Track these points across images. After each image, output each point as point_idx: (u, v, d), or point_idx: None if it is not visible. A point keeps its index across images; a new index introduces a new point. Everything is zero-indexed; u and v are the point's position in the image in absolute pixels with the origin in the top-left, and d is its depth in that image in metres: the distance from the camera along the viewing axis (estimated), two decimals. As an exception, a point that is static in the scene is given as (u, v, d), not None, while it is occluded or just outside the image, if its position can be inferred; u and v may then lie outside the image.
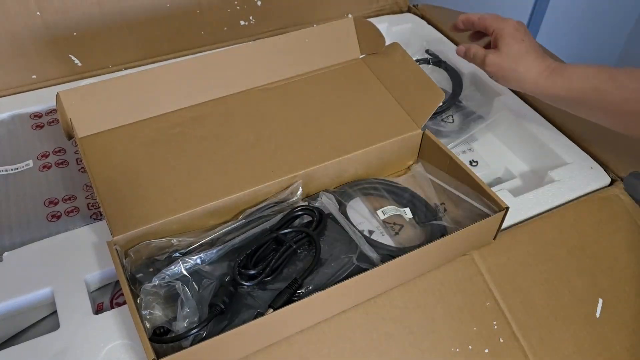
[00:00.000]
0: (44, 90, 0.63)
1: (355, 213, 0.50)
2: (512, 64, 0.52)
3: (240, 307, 0.41)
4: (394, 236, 0.49)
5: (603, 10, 1.38)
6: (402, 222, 0.49)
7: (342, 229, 0.46)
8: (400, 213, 0.49)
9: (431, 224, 0.48)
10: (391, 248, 0.46)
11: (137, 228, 0.43)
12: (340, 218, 0.47)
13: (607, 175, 0.56)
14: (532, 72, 0.51)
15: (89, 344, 0.40)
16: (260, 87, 0.57)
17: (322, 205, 0.48)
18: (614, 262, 0.49)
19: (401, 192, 0.51)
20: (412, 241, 0.48)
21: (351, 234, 0.46)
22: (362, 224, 0.49)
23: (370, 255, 0.44)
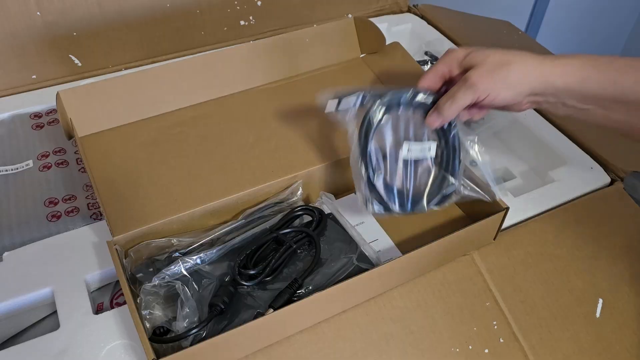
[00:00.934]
0: (44, 90, 0.63)
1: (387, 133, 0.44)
2: (503, 64, 0.42)
3: (240, 307, 0.41)
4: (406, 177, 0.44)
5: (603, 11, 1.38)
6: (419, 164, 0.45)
7: (342, 229, 0.46)
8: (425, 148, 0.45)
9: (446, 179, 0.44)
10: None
11: (137, 228, 0.43)
12: (341, 218, 0.47)
13: (607, 175, 0.56)
14: (529, 61, 0.42)
15: (89, 343, 0.40)
16: (260, 87, 0.57)
17: (322, 205, 0.48)
18: (614, 262, 0.49)
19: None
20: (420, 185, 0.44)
21: (351, 234, 0.46)
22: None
23: (370, 255, 0.44)
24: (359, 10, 0.78)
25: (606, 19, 1.40)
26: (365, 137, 0.43)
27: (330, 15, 0.76)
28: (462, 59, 0.44)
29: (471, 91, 0.42)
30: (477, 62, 0.42)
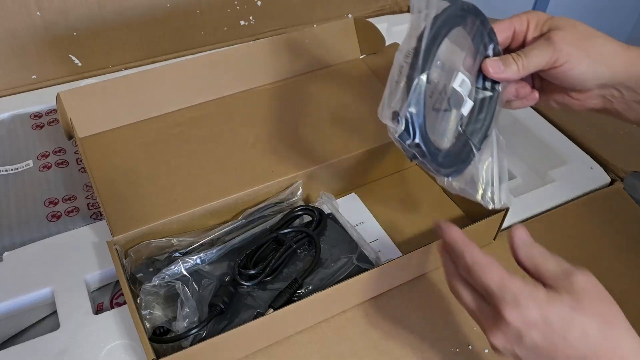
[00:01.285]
0: (44, 90, 0.63)
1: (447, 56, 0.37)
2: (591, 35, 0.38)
3: (240, 307, 0.41)
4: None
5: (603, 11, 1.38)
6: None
7: (342, 229, 0.46)
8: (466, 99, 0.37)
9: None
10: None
11: (137, 228, 0.43)
12: (341, 218, 0.47)
13: (607, 175, 0.56)
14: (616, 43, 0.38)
15: (89, 344, 0.40)
16: (260, 87, 0.57)
17: (322, 205, 0.48)
18: (614, 263, 0.49)
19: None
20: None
21: (351, 234, 0.46)
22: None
23: (370, 255, 0.44)
24: (359, 10, 0.78)
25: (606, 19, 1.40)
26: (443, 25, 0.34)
27: (330, 16, 0.76)
28: (544, 20, 0.38)
29: (550, 50, 0.36)
30: (561, 26, 0.37)
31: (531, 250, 0.31)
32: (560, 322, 0.27)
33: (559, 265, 0.30)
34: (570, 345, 0.27)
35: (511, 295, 0.28)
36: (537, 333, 0.27)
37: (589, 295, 0.27)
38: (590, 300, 0.27)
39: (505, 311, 0.28)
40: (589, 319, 0.27)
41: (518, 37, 0.39)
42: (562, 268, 0.29)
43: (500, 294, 0.28)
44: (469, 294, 0.31)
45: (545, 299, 0.27)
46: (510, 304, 0.28)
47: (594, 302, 0.27)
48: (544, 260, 0.30)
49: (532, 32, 0.39)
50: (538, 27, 0.38)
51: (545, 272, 0.29)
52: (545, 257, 0.30)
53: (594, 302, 0.27)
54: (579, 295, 0.27)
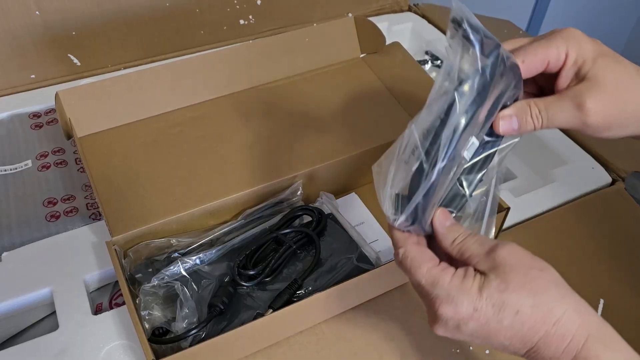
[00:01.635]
0: (43, 90, 0.63)
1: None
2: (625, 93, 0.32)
3: (240, 307, 0.41)
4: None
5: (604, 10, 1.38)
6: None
7: (342, 229, 0.46)
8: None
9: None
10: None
11: (136, 228, 0.43)
12: (341, 218, 0.47)
13: (608, 175, 0.56)
14: None
15: (88, 344, 0.40)
16: (260, 87, 0.57)
17: (322, 205, 0.48)
18: (614, 262, 0.49)
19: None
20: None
21: (351, 234, 0.46)
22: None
23: (371, 256, 0.44)
24: (359, 9, 0.78)
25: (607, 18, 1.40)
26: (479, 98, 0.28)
27: (331, 15, 0.76)
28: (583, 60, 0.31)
29: (579, 120, 0.31)
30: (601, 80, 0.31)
31: (453, 235, 0.31)
32: (492, 309, 0.27)
33: (481, 244, 0.29)
34: (508, 327, 0.27)
35: (443, 291, 0.28)
36: (473, 323, 0.28)
37: (514, 270, 0.28)
38: (516, 275, 0.28)
39: (439, 308, 0.28)
40: (518, 295, 0.27)
41: (550, 70, 0.33)
42: (483, 247, 0.29)
43: (432, 290, 0.29)
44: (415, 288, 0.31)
45: (475, 290, 0.28)
46: (443, 300, 0.28)
47: (519, 276, 0.28)
48: (465, 243, 0.30)
49: (569, 69, 0.32)
50: (576, 65, 0.32)
51: (469, 255, 0.29)
52: (466, 240, 0.30)
53: (519, 276, 0.28)
54: (504, 273, 0.28)
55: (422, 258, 0.30)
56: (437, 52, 0.72)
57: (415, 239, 0.31)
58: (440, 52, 0.71)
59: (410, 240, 0.31)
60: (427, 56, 0.72)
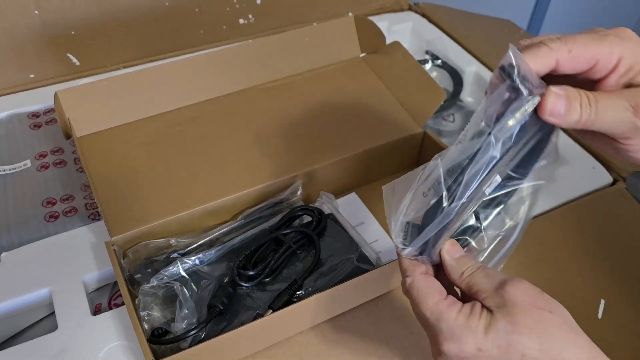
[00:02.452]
0: (42, 90, 0.63)
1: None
2: None
3: (240, 308, 0.40)
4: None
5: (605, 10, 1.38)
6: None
7: (342, 229, 0.46)
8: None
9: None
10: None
11: (135, 228, 0.43)
12: (341, 218, 0.47)
13: (609, 175, 0.56)
14: None
15: (87, 345, 0.40)
16: (259, 86, 0.56)
17: (322, 205, 0.48)
18: (616, 263, 0.49)
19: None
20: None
21: (351, 234, 0.45)
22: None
23: (371, 256, 0.44)
24: (360, 9, 0.77)
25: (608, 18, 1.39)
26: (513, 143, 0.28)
27: (331, 14, 0.76)
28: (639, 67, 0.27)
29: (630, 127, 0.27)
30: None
31: (461, 267, 0.30)
32: (498, 350, 0.26)
33: (490, 279, 0.28)
34: None
35: (447, 327, 0.27)
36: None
37: (523, 310, 0.26)
38: (525, 315, 0.26)
39: (442, 344, 0.27)
40: (526, 338, 0.26)
41: (595, 74, 0.28)
42: (492, 283, 0.28)
43: (437, 325, 0.28)
44: (417, 317, 0.30)
45: (481, 329, 0.27)
46: (447, 338, 0.27)
47: (528, 317, 0.26)
48: (474, 277, 0.29)
49: (620, 76, 0.28)
50: (631, 72, 0.28)
51: (477, 289, 0.28)
52: (475, 274, 0.29)
53: (528, 317, 0.26)
54: (512, 314, 0.26)
55: (429, 290, 0.29)
56: (438, 52, 0.71)
57: (423, 268, 0.30)
58: (441, 51, 0.71)
59: (418, 270, 0.30)
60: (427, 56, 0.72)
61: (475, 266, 0.29)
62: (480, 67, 0.67)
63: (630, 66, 0.27)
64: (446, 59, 0.70)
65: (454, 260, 0.30)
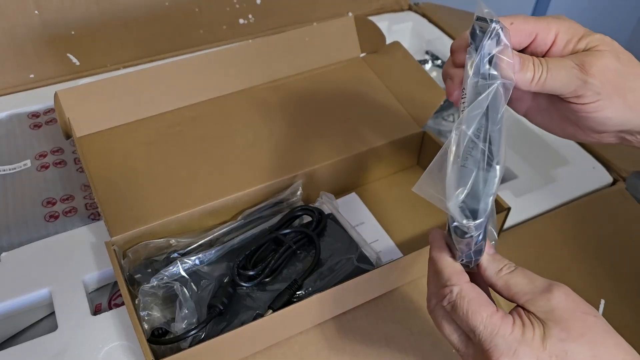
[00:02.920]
0: (42, 90, 0.63)
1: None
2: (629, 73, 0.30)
3: (240, 308, 0.40)
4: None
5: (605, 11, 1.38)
6: None
7: (342, 229, 0.46)
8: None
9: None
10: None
11: (135, 228, 0.43)
12: (341, 218, 0.47)
13: (609, 175, 0.56)
14: None
15: (87, 345, 0.40)
16: (259, 86, 0.56)
17: (322, 205, 0.48)
18: (616, 263, 0.49)
19: None
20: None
21: (351, 234, 0.45)
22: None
23: (371, 256, 0.44)
24: (360, 9, 0.77)
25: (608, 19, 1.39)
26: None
27: (331, 14, 0.76)
28: (579, 37, 0.30)
29: (580, 81, 0.29)
30: (602, 53, 0.29)
31: (498, 264, 0.29)
32: (555, 359, 0.26)
33: (532, 282, 0.28)
34: None
35: (504, 342, 0.26)
36: None
37: (572, 316, 0.26)
38: (575, 322, 0.26)
39: (499, 359, 0.26)
40: (578, 345, 0.26)
41: (537, 48, 0.31)
42: (535, 286, 0.27)
43: (492, 340, 0.26)
44: (454, 331, 0.29)
45: (538, 341, 0.26)
46: (504, 352, 0.26)
47: (577, 323, 0.26)
48: (513, 277, 0.28)
49: (560, 48, 0.30)
50: (570, 45, 0.30)
51: (518, 291, 0.28)
52: (514, 274, 0.28)
53: (577, 323, 0.26)
54: (563, 321, 0.26)
55: (481, 301, 0.27)
56: (438, 52, 0.71)
57: (468, 277, 0.28)
58: (441, 51, 0.71)
59: (464, 278, 0.28)
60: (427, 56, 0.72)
61: (512, 265, 0.29)
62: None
63: (567, 40, 0.30)
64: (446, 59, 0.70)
65: (490, 256, 0.29)
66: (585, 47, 0.30)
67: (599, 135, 0.33)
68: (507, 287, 0.28)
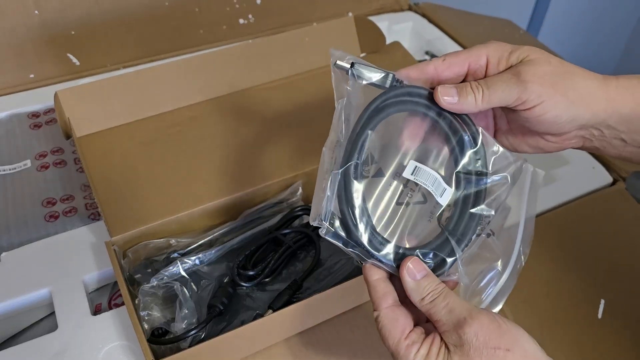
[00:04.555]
0: (42, 90, 0.63)
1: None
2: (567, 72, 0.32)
3: (239, 308, 0.40)
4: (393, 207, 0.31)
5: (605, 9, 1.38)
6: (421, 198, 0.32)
7: (342, 229, 0.46)
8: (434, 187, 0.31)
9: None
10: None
11: (135, 228, 0.43)
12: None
13: (609, 175, 0.56)
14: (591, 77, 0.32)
15: (87, 345, 0.40)
16: (259, 86, 0.56)
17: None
18: (616, 262, 0.49)
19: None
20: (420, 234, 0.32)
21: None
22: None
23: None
24: (360, 9, 0.77)
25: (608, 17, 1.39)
26: (371, 115, 0.30)
27: (331, 14, 0.76)
28: (508, 53, 0.32)
29: (519, 88, 0.31)
30: (533, 60, 0.31)
31: (422, 291, 0.29)
32: None
33: (451, 313, 0.28)
34: None
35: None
36: None
37: (478, 351, 0.27)
38: (479, 356, 0.27)
39: None
40: None
41: (475, 74, 0.33)
42: (452, 318, 0.28)
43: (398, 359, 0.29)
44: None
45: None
46: None
47: (482, 357, 0.27)
48: (435, 306, 0.29)
49: (495, 67, 0.33)
50: (502, 62, 0.32)
51: (437, 320, 0.29)
52: (436, 301, 0.29)
53: (482, 357, 0.27)
54: (467, 356, 0.27)
55: (392, 328, 0.29)
56: (438, 52, 0.71)
57: (390, 300, 0.30)
58: (441, 51, 0.71)
59: (385, 303, 0.30)
60: (427, 56, 0.72)
61: (437, 292, 0.29)
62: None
63: (498, 58, 0.32)
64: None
65: (414, 283, 0.29)
66: (517, 60, 0.32)
67: (560, 139, 0.35)
68: (430, 315, 0.29)
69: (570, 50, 1.34)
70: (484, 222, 0.31)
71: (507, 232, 0.33)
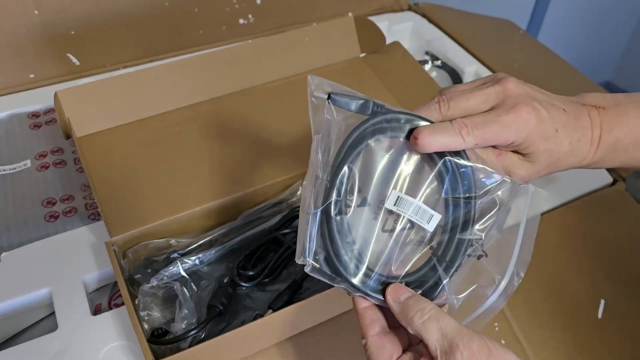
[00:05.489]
0: (42, 90, 0.63)
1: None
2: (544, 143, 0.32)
3: (239, 308, 0.40)
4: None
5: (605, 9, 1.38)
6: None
7: (342, 229, 0.46)
8: (419, 215, 0.30)
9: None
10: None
11: (135, 228, 0.43)
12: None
13: (609, 175, 0.56)
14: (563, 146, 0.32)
15: (87, 345, 0.40)
16: (259, 86, 0.56)
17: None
18: (616, 263, 0.49)
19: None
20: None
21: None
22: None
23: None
24: (360, 9, 0.77)
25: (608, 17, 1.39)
26: (350, 149, 0.30)
27: (331, 14, 0.76)
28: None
29: (499, 127, 0.30)
30: (518, 94, 0.31)
31: (409, 313, 0.29)
32: None
33: (443, 337, 0.28)
34: None
35: None
36: None
37: None
38: None
39: None
40: None
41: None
42: (444, 342, 0.28)
43: None
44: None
45: None
46: None
47: None
48: (424, 329, 0.28)
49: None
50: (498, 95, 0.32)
51: (428, 343, 0.28)
52: (425, 323, 0.28)
53: None
54: None
55: (379, 355, 0.29)
56: (437, 52, 0.71)
57: (377, 328, 0.30)
58: (441, 51, 0.71)
59: (372, 331, 0.30)
60: (427, 56, 0.72)
61: (425, 312, 0.29)
62: (480, 67, 0.67)
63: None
64: (446, 59, 0.70)
65: (399, 305, 0.29)
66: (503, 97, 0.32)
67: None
68: (420, 336, 0.29)
69: (570, 50, 1.34)
70: (474, 245, 0.31)
71: (505, 252, 0.32)
